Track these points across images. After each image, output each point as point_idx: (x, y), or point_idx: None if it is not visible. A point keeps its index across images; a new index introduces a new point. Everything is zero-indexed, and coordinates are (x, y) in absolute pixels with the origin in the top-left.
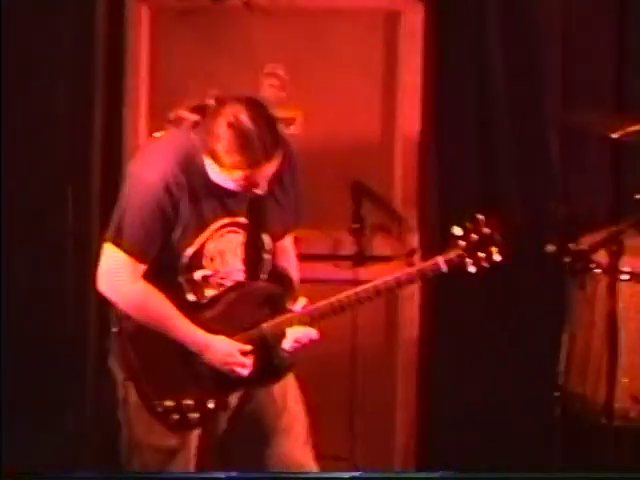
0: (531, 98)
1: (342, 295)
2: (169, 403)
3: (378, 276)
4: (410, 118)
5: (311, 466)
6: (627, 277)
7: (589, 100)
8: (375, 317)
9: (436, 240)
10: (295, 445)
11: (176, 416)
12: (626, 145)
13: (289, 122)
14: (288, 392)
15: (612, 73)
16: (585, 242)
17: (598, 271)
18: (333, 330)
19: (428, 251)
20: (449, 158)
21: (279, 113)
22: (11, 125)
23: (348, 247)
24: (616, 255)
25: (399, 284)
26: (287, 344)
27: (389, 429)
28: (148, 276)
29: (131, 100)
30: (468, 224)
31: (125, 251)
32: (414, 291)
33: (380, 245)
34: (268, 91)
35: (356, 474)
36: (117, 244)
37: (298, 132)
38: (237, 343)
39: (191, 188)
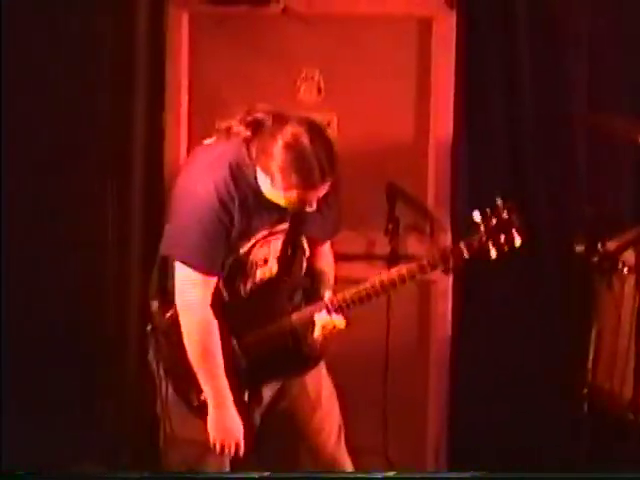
0: (558, 101)
1: (367, 283)
2: (204, 397)
3: None
4: (442, 121)
5: (344, 461)
6: None
7: (615, 104)
8: (408, 315)
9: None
10: (328, 441)
11: None
12: None
13: (325, 125)
14: (322, 389)
15: (637, 78)
16: (612, 242)
17: (625, 270)
18: (367, 328)
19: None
20: (479, 160)
21: (315, 116)
22: (57, 126)
23: (382, 247)
24: None
25: (422, 270)
26: (316, 332)
27: (421, 424)
28: None
29: (171, 102)
30: (488, 210)
31: (196, 269)
32: (447, 289)
33: (413, 244)
34: (305, 95)
35: (390, 474)
36: (186, 262)
37: (333, 135)
38: (241, 428)
39: (241, 200)
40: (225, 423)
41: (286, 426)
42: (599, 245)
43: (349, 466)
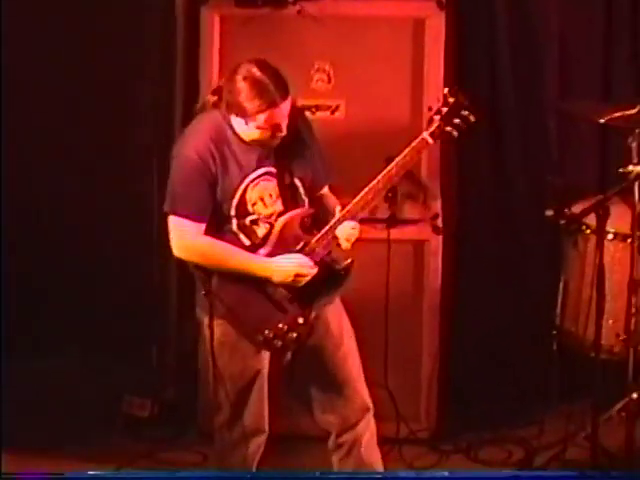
0: (532, 87)
1: (366, 189)
2: (268, 332)
3: (408, 235)
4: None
5: (365, 393)
6: (612, 237)
7: (581, 91)
8: (404, 269)
9: (455, 205)
10: (351, 374)
11: (279, 342)
12: (611, 128)
13: (334, 109)
14: (344, 329)
15: (600, 68)
16: (577, 208)
17: (588, 232)
18: (370, 280)
19: (449, 214)
20: (465, 138)
21: (326, 102)
22: (107, 113)
23: (383, 211)
24: (603, 218)
25: (404, 165)
26: (343, 244)
27: (416, 361)
28: (209, 233)
29: (204, 91)
30: (438, 101)
31: (185, 216)
32: (438, 247)
33: (409, 210)
34: (317, 84)
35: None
36: (176, 213)
37: (341, 118)
38: (295, 255)
39: (223, 155)
40: (285, 271)
41: (314, 361)
42: (566, 210)
43: (367, 396)
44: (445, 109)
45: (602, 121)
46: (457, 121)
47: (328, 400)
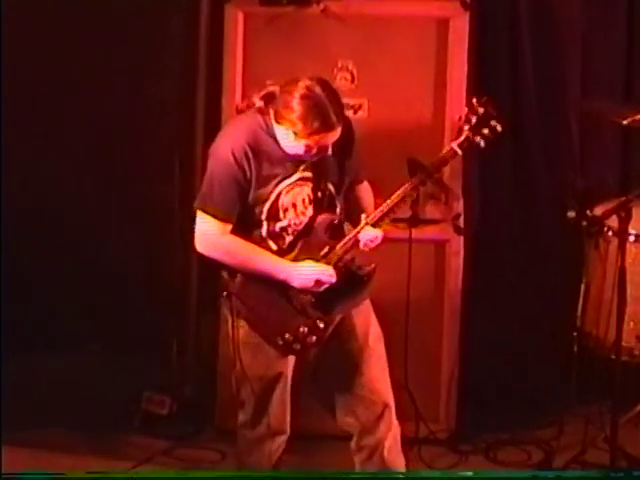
0: (555, 88)
1: (390, 199)
2: (288, 336)
3: (429, 235)
4: (457, 105)
5: (389, 397)
6: (633, 239)
7: (604, 92)
8: (426, 269)
9: (476, 206)
10: (374, 377)
11: (297, 345)
12: (634, 130)
13: (357, 108)
14: (370, 332)
15: (623, 69)
16: (599, 209)
17: (610, 233)
18: (391, 280)
19: (470, 215)
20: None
21: (349, 101)
22: (129, 112)
23: (405, 211)
24: (625, 220)
25: (428, 176)
26: (362, 244)
27: (436, 362)
28: (237, 234)
29: (228, 88)
30: (466, 109)
31: (212, 215)
32: (459, 248)
33: (431, 210)
34: (340, 82)
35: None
36: (205, 210)
37: (364, 117)
38: (317, 263)
39: (259, 160)
40: (307, 276)
41: (337, 363)
42: (588, 212)
43: (390, 400)
44: (474, 119)
45: (625, 122)
46: (485, 131)
47: (349, 403)
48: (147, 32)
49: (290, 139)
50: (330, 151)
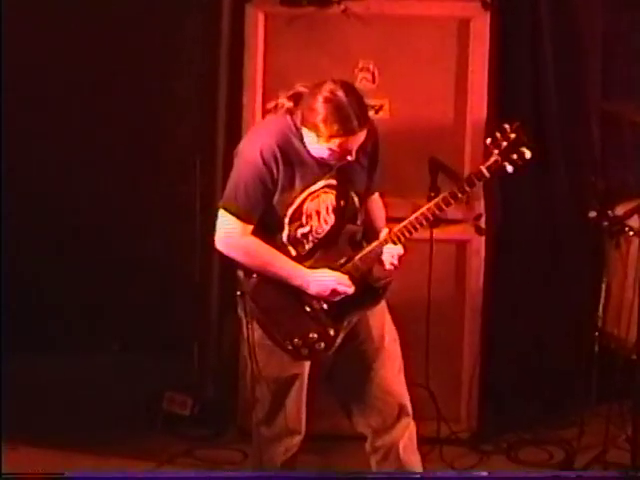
0: (576, 90)
1: (412, 217)
2: (297, 340)
3: (450, 235)
4: (478, 106)
5: (404, 398)
6: None
7: (625, 92)
8: (447, 269)
9: (498, 206)
10: (389, 379)
11: (305, 350)
12: None
13: (378, 108)
14: (385, 334)
15: None
16: (620, 209)
17: (631, 233)
18: (412, 280)
19: (492, 215)
20: None
21: (370, 101)
22: (150, 112)
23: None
24: None
25: (455, 197)
26: (387, 263)
27: (457, 361)
28: (258, 237)
29: (249, 88)
30: (497, 134)
31: (234, 214)
32: (480, 247)
33: (451, 210)
34: (361, 83)
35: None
36: (228, 210)
37: (385, 117)
38: (336, 272)
39: (287, 162)
40: (323, 284)
41: (352, 365)
42: (609, 212)
43: (406, 400)
44: (505, 144)
45: None
46: (514, 157)
47: (364, 404)
48: (168, 32)
49: (314, 142)
50: (354, 156)
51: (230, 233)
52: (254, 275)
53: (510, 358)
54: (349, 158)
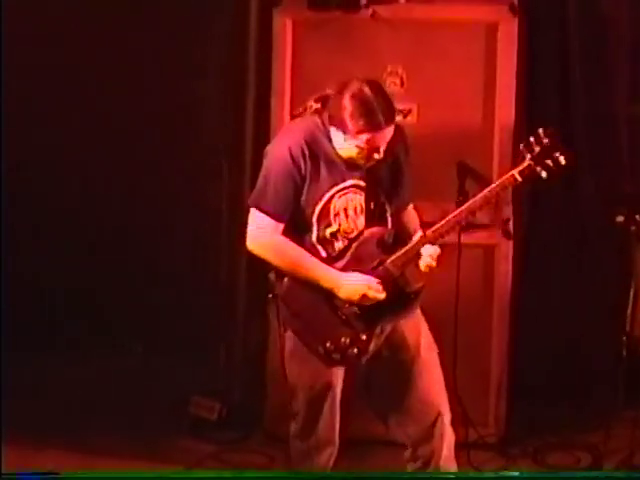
0: (603, 94)
1: (445, 220)
2: (329, 345)
3: (478, 240)
4: (506, 110)
5: (443, 407)
6: None
7: None
8: (475, 273)
9: (525, 210)
10: (426, 388)
11: (337, 355)
12: None
13: (406, 113)
14: (421, 342)
15: None
16: None
17: None
18: (441, 284)
19: (519, 219)
20: None
21: (398, 105)
22: (177, 115)
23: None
24: None
25: (488, 200)
26: (423, 265)
27: (485, 365)
28: (287, 237)
29: (277, 92)
30: (530, 138)
31: (265, 212)
32: (508, 251)
33: (480, 214)
34: (389, 87)
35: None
36: (259, 208)
37: (414, 121)
38: (367, 276)
39: (315, 158)
40: (354, 288)
41: (389, 374)
42: (637, 216)
43: (445, 409)
44: (538, 149)
45: None
46: (548, 162)
47: (401, 414)
48: (197, 36)
49: (342, 140)
50: (382, 155)
51: (261, 231)
52: (285, 278)
53: (537, 363)
54: (376, 156)
